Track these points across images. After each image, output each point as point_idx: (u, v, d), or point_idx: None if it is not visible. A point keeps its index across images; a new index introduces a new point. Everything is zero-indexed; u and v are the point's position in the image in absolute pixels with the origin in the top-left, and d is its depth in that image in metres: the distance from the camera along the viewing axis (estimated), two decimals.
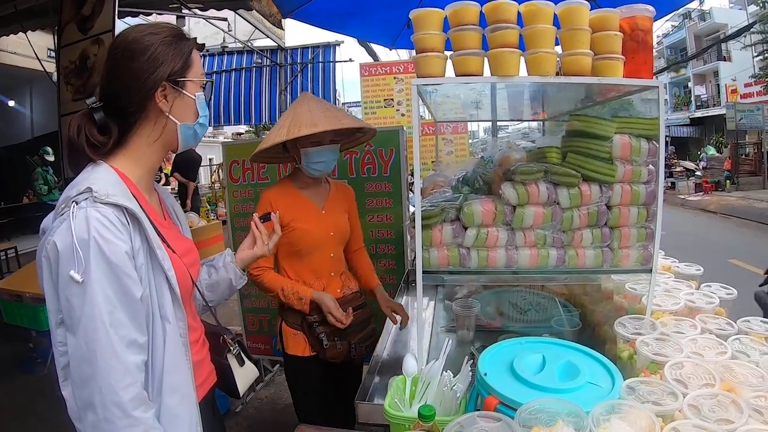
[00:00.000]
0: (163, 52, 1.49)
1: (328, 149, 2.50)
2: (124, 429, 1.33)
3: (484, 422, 1.29)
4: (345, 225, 2.76)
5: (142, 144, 1.55)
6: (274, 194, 2.61)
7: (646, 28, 1.87)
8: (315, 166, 2.52)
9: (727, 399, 1.35)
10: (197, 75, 1.57)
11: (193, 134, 1.61)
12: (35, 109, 13.20)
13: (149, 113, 1.52)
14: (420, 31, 1.79)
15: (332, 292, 2.65)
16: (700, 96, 35.89)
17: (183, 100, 1.54)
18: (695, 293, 2.21)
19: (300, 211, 2.57)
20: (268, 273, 2.59)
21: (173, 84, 1.51)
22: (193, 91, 1.56)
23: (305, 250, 2.60)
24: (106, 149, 1.51)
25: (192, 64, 1.56)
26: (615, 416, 1.28)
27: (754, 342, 1.74)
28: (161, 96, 1.50)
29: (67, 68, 4.34)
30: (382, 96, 8.94)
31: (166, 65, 1.49)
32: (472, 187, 2.28)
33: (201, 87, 1.59)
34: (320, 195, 2.71)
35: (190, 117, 1.58)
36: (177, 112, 1.54)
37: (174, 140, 1.58)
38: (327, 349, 2.56)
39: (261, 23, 8.53)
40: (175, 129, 1.55)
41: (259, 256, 1.99)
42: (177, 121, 1.55)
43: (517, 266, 1.98)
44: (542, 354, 1.63)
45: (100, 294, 1.31)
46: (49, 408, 2.30)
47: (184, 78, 1.53)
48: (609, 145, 1.89)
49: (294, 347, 2.66)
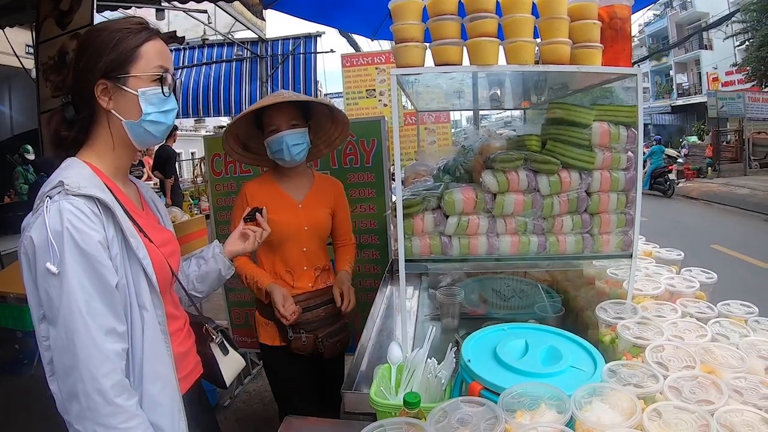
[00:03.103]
0: (102, 47, 1.48)
1: (288, 134, 2.49)
2: (107, 417, 1.34)
3: (468, 407, 1.30)
4: (323, 220, 2.75)
5: (103, 140, 1.55)
6: (252, 187, 2.67)
7: (625, 16, 1.88)
8: (278, 154, 2.54)
9: (708, 380, 1.36)
10: (146, 69, 1.52)
11: (144, 132, 1.56)
12: (14, 107, 12.97)
13: (98, 109, 1.52)
14: (399, 21, 1.79)
15: (303, 285, 2.68)
16: (681, 84, 36.22)
17: (125, 96, 1.51)
18: (676, 278, 2.24)
19: (275, 203, 2.56)
20: (239, 258, 2.51)
21: (113, 80, 1.49)
22: (137, 86, 1.51)
23: (276, 242, 2.61)
24: (67, 144, 1.52)
25: (139, 57, 1.51)
26: (597, 399, 1.29)
27: (733, 325, 1.77)
28: (102, 93, 1.49)
29: (46, 64, 4.28)
30: (364, 86, 8.95)
31: (104, 61, 1.47)
32: (453, 176, 2.29)
33: (152, 82, 1.54)
34: (301, 189, 2.72)
35: (134, 114, 1.53)
36: (120, 108, 1.51)
37: (125, 137, 1.56)
38: (291, 340, 2.60)
39: (241, 15, 8.49)
40: (122, 125, 1.53)
41: (249, 251, 2.06)
42: (122, 118, 1.52)
43: (499, 253, 1.99)
44: (525, 339, 1.64)
45: (76, 284, 1.33)
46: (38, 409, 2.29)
47: (125, 73, 1.50)
48: (588, 132, 1.90)
49: (265, 336, 2.73)
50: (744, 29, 23.92)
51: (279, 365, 2.76)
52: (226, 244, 2.02)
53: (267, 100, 2.50)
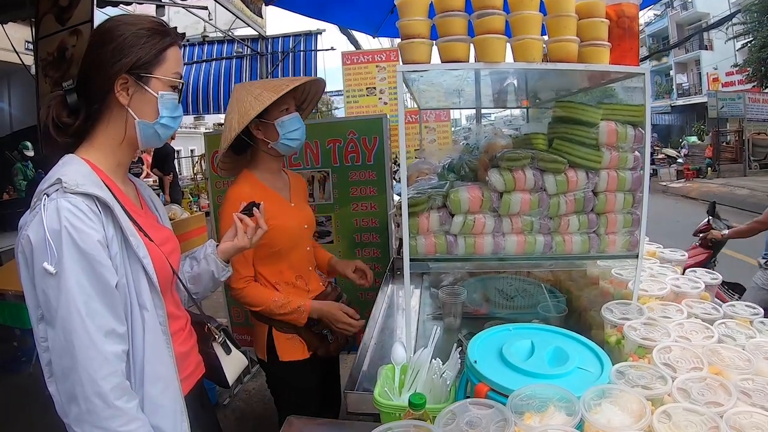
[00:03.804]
0: (130, 43, 1.47)
1: (298, 116, 2.41)
2: (107, 420, 1.33)
3: (477, 409, 1.29)
4: (312, 215, 2.68)
5: (108, 136, 1.53)
6: (243, 192, 2.33)
7: (632, 15, 1.87)
8: (292, 134, 2.38)
9: (716, 382, 1.36)
10: (168, 74, 1.54)
11: (154, 134, 1.57)
12: (13, 103, 12.95)
13: (111, 103, 1.50)
14: (405, 17, 1.77)
15: (315, 287, 2.61)
16: (681, 84, 36.25)
17: (144, 96, 1.51)
18: (680, 278, 2.23)
19: (272, 207, 2.28)
20: (252, 286, 2.40)
21: (136, 77, 1.48)
22: (158, 89, 1.52)
23: (285, 249, 2.45)
24: (71, 132, 1.50)
25: (163, 61, 1.52)
26: (606, 401, 1.28)
27: (739, 326, 1.77)
28: (121, 87, 1.48)
29: (45, 60, 4.26)
30: (365, 84, 8.92)
31: (130, 57, 1.46)
32: (458, 174, 2.27)
33: (170, 87, 1.55)
34: (284, 187, 2.60)
35: (150, 115, 1.54)
36: (136, 107, 1.51)
37: (134, 136, 1.55)
38: (332, 343, 2.53)
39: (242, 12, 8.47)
40: (134, 124, 1.52)
41: (240, 248, 1.94)
42: (135, 117, 1.51)
43: (505, 253, 1.98)
44: (531, 340, 1.63)
45: (74, 284, 1.31)
46: (36, 407, 2.27)
47: (149, 74, 1.50)
48: (595, 131, 1.88)
49: (290, 353, 2.49)
50: (745, 30, 23.93)
51: (302, 377, 2.55)
52: (219, 244, 1.94)
53: (298, 79, 2.36)
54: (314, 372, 2.59)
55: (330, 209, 3.93)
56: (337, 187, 3.90)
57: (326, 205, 3.93)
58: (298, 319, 2.41)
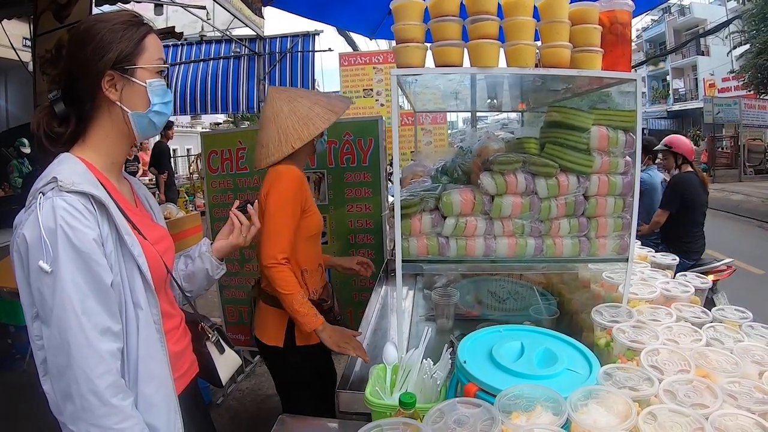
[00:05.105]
0: (108, 39, 1.47)
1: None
2: (102, 418, 1.33)
3: (464, 408, 1.30)
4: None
5: (101, 134, 1.53)
6: (299, 173, 2.44)
7: (625, 21, 1.89)
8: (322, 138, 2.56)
9: (702, 384, 1.38)
10: (150, 61, 1.53)
11: (149, 123, 1.57)
12: (10, 100, 12.87)
13: (101, 102, 1.50)
14: (400, 22, 1.79)
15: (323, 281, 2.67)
16: (678, 89, 36.33)
17: (133, 87, 1.51)
18: (671, 282, 2.25)
19: (310, 196, 2.51)
20: (289, 268, 2.35)
21: (121, 71, 1.49)
22: (145, 77, 1.52)
23: (316, 236, 2.57)
24: (64, 140, 1.50)
25: (144, 50, 1.52)
26: (593, 401, 1.30)
27: (728, 330, 1.78)
28: (108, 84, 1.48)
29: (43, 57, 4.23)
30: (362, 86, 8.95)
31: (112, 53, 1.46)
32: (451, 177, 2.29)
33: (157, 74, 1.56)
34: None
35: (142, 105, 1.53)
36: (127, 100, 1.51)
37: (129, 129, 1.55)
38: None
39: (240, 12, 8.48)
40: (128, 117, 1.53)
41: (234, 245, 1.94)
42: (128, 110, 1.52)
43: (496, 255, 2.00)
44: (521, 341, 1.65)
45: (69, 282, 1.31)
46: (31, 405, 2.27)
47: (133, 65, 1.50)
48: (587, 136, 1.90)
49: (307, 337, 2.47)
50: (744, 40, 23.97)
51: (319, 360, 2.61)
52: (214, 242, 1.95)
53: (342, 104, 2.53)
54: (326, 353, 2.62)
55: (325, 210, 3.90)
56: (332, 188, 3.92)
57: (321, 206, 3.85)
58: (308, 322, 2.33)
